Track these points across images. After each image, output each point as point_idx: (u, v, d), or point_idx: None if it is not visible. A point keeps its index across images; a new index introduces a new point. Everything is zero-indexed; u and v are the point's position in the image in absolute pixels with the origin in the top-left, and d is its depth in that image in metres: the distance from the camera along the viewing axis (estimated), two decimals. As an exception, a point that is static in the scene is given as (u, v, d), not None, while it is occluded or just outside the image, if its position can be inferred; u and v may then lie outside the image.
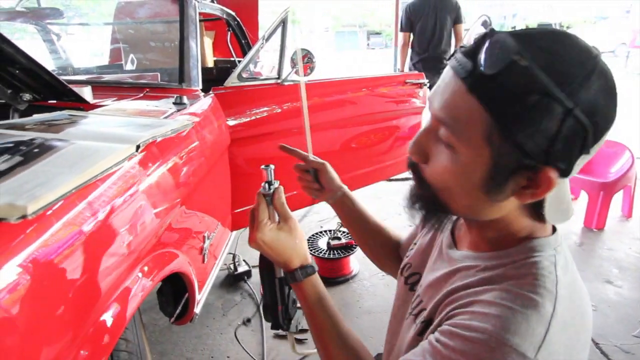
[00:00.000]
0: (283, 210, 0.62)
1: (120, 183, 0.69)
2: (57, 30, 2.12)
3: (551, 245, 0.49)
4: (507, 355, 0.39)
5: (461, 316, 0.46)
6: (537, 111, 0.39)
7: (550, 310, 0.42)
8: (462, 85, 0.43)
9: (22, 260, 0.45)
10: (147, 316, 1.74)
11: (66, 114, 0.91)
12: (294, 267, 0.61)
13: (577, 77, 0.39)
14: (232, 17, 2.49)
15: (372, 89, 1.99)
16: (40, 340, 0.48)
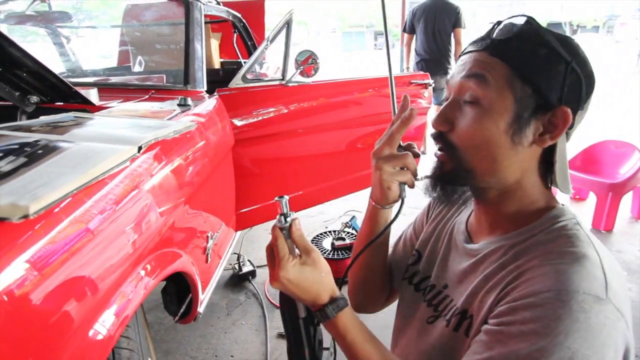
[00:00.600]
0: (303, 242, 0.55)
1: (124, 183, 0.70)
2: (67, 33, 2.16)
3: (569, 211, 0.53)
4: (584, 303, 0.40)
5: (515, 290, 0.46)
6: (547, 60, 0.50)
7: (596, 256, 0.45)
8: (483, 53, 0.52)
9: (28, 257, 0.47)
10: (152, 315, 1.76)
11: (72, 115, 0.92)
12: (323, 303, 0.55)
13: (568, 42, 0.51)
14: (238, 19, 2.51)
15: (376, 90, 1.99)
16: (42, 334, 0.49)
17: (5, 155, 0.59)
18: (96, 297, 0.59)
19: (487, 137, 0.52)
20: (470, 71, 0.53)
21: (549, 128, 0.51)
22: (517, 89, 0.50)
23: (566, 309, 0.40)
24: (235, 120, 1.54)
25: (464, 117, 0.53)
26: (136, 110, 1.13)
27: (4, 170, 0.55)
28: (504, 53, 0.51)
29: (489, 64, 0.52)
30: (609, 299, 0.41)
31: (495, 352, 0.44)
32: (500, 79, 0.51)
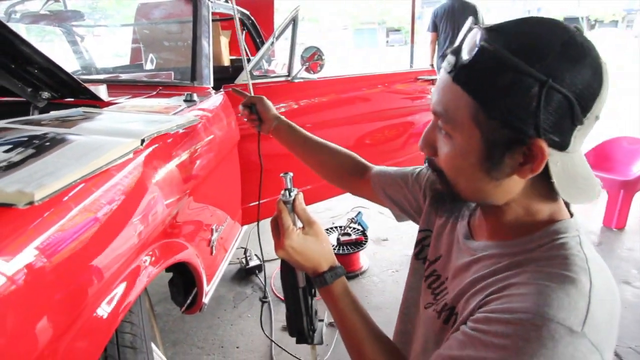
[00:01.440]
0: (306, 215, 0.61)
1: (130, 173, 0.73)
2: (82, 32, 2.22)
3: (573, 226, 0.49)
4: (555, 332, 0.39)
5: (496, 302, 0.46)
6: (512, 88, 0.42)
7: (587, 284, 0.43)
8: (449, 78, 0.47)
9: (37, 241, 0.50)
10: (161, 306, 1.80)
11: (80, 110, 0.96)
12: (323, 270, 0.60)
13: (549, 53, 0.42)
14: (247, 17, 2.54)
15: (383, 86, 1.99)
16: (48, 314, 0.52)
17: (16, 146, 0.63)
18: (100, 281, 0.62)
19: (462, 172, 0.50)
20: (438, 103, 0.50)
21: (528, 158, 0.46)
22: (483, 126, 0.45)
23: (537, 333, 0.40)
24: (241, 116, 1.56)
25: (442, 144, 0.52)
26: (143, 106, 1.16)
27: (14, 160, 0.58)
28: (464, 82, 0.46)
29: (452, 97, 0.47)
30: (583, 333, 0.40)
31: (465, 353, 0.45)
32: (464, 116, 0.46)
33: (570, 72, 0.42)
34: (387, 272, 2.05)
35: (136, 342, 0.70)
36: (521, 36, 0.44)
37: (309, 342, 0.66)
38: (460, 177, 0.51)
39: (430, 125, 0.54)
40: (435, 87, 0.52)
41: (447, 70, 0.48)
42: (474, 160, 0.48)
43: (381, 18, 25.89)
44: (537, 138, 0.44)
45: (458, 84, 0.46)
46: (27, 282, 0.48)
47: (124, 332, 0.70)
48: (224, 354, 1.55)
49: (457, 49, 0.47)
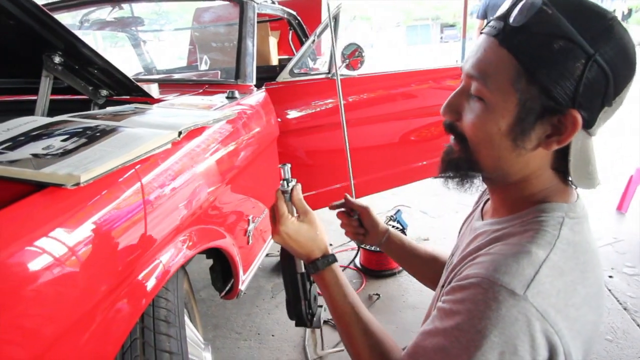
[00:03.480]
0: (302, 205, 0.64)
1: (171, 161, 0.81)
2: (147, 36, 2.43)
3: (563, 209, 0.50)
4: (498, 294, 0.42)
5: (463, 272, 0.49)
6: (562, 55, 0.43)
7: (542, 256, 0.44)
8: (494, 41, 0.47)
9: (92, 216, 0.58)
10: (206, 292, 1.92)
11: (132, 106, 1.05)
12: (315, 257, 0.64)
13: (598, 29, 0.44)
14: (293, 17, 2.60)
15: (425, 82, 1.95)
16: (96, 282, 0.59)
17: (72, 136, 0.71)
18: (141, 255, 0.69)
19: (489, 137, 0.50)
20: (476, 66, 0.49)
21: (557, 130, 0.47)
22: (522, 90, 0.46)
23: (484, 296, 0.42)
24: (282, 112, 1.62)
25: (470, 110, 0.51)
26: (188, 103, 1.25)
27: (68, 148, 0.66)
28: (513, 45, 0.46)
29: (495, 59, 0.47)
30: (525, 297, 0.41)
31: (433, 326, 0.48)
32: (504, 79, 0.46)
33: (614, 51, 0.43)
34: (426, 272, 2.01)
35: (170, 316, 0.77)
36: (577, 6, 0.45)
37: (308, 325, 0.69)
38: (484, 144, 0.51)
39: (457, 91, 0.53)
40: (470, 52, 0.52)
41: (492, 33, 0.48)
42: (504, 126, 0.48)
43: (435, 14, 25.08)
44: (572, 109, 0.45)
45: (504, 47, 0.46)
46: (71, 250, 0.55)
47: (159, 307, 0.77)
48: (259, 341, 1.62)
49: (505, 14, 0.48)
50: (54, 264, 0.51)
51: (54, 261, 0.51)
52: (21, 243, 0.49)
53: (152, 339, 0.71)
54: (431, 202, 2.85)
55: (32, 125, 0.78)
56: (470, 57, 0.51)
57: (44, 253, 0.51)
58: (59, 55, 0.96)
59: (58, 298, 0.52)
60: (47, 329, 0.51)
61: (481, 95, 0.49)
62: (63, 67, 0.99)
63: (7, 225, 0.49)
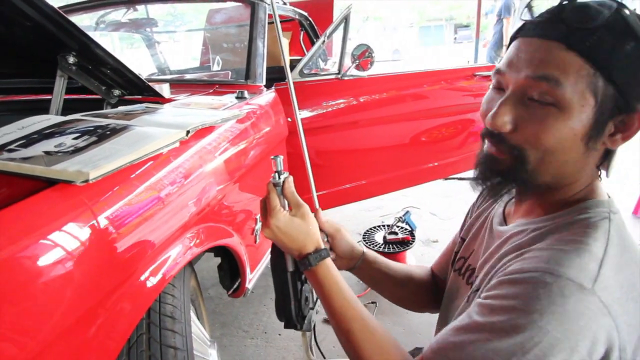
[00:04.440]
0: (294, 198, 0.62)
1: (180, 159, 0.82)
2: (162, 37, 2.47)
3: (606, 205, 0.50)
4: (565, 288, 0.40)
5: (511, 267, 0.47)
6: (633, 55, 0.44)
7: (601, 250, 0.44)
8: (559, 45, 0.46)
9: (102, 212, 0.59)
10: (214, 290, 1.94)
11: (143, 106, 1.07)
12: (308, 252, 0.60)
13: None
14: (305, 17, 2.61)
15: (435, 83, 1.94)
16: (104, 276, 0.60)
17: (83, 134, 0.73)
18: (148, 251, 0.70)
19: (561, 143, 0.47)
20: (540, 70, 0.46)
21: (620, 127, 0.48)
22: (600, 91, 0.45)
23: (546, 290, 0.40)
24: (292, 112, 1.63)
25: (533, 117, 0.47)
26: (198, 102, 1.27)
27: (79, 146, 0.68)
28: (585, 47, 0.44)
29: (564, 62, 0.45)
30: (593, 291, 0.40)
31: (470, 320, 0.45)
32: (580, 81, 0.45)
33: None
34: (435, 274, 2.00)
35: (176, 313, 0.78)
36: (635, 12, 0.46)
37: (297, 328, 0.65)
38: (554, 151, 0.48)
39: (506, 99, 0.49)
40: (515, 58, 0.49)
41: (554, 37, 0.46)
42: (580, 130, 0.47)
43: (449, 14, 24.85)
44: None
45: (574, 51, 0.45)
46: (82, 245, 0.56)
47: (165, 303, 0.78)
48: (266, 339, 1.63)
49: (555, 16, 0.46)
50: (63, 258, 0.53)
51: (63, 256, 0.53)
52: (31, 238, 0.50)
53: (158, 335, 0.72)
54: (441, 204, 2.83)
55: (46, 123, 0.81)
56: (524, 63, 0.48)
57: (54, 248, 0.52)
58: (73, 55, 0.98)
59: (66, 291, 0.54)
60: (55, 321, 0.52)
61: (553, 99, 0.46)
62: (77, 67, 1.01)
63: (19, 220, 0.50)
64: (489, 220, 0.66)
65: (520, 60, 0.48)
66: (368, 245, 2.03)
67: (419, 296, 0.81)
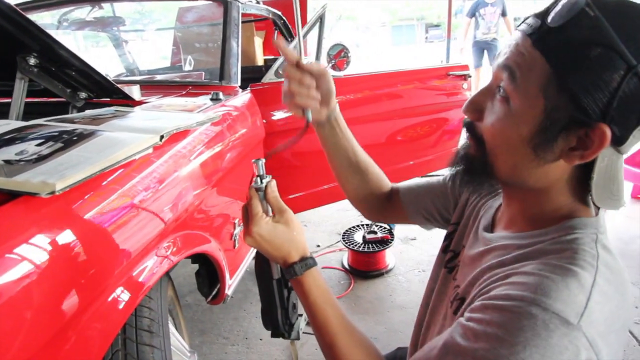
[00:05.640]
0: (277, 203, 0.58)
1: (152, 165, 0.78)
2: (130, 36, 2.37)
3: (593, 225, 0.47)
4: (550, 322, 0.38)
5: (496, 290, 0.45)
6: (598, 63, 0.40)
7: (590, 280, 0.41)
8: (528, 40, 0.44)
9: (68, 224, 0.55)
10: (192, 297, 1.89)
11: (112, 109, 1.03)
12: (293, 261, 0.58)
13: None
14: (278, 17, 2.58)
15: (409, 83, 1.96)
16: (70, 292, 0.57)
17: (47, 140, 0.69)
18: (122, 264, 0.67)
19: (507, 142, 0.47)
20: (506, 60, 0.46)
21: (583, 143, 0.43)
22: (550, 97, 0.43)
23: (531, 322, 0.39)
24: (267, 114, 1.60)
25: (492, 111, 0.49)
26: (171, 105, 1.23)
27: (43, 153, 0.64)
28: (547, 46, 0.42)
29: (527, 59, 0.44)
30: (579, 326, 0.39)
31: (453, 342, 0.44)
32: (533, 82, 0.43)
33: None
34: (414, 272, 2.02)
35: (153, 326, 0.75)
36: (626, 12, 0.41)
37: (285, 336, 0.64)
38: (502, 148, 0.48)
39: (482, 90, 0.51)
40: (503, 49, 0.48)
41: (528, 32, 0.44)
42: (525, 132, 0.45)
43: (420, 14, 25.31)
44: (602, 123, 0.41)
45: (538, 48, 0.43)
46: (51, 263, 0.52)
47: (142, 316, 0.74)
48: (248, 345, 1.60)
49: (543, 12, 0.44)
50: (28, 275, 0.49)
51: (28, 273, 0.49)
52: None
53: (135, 351, 0.69)
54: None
55: (5, 128, 0.75)
56: (501, 55, 0.48)
57: (18, 265, 0.48)
58: (34, 56, 0.92)
59: (26, 315, 0.50)
60: (16, 348, 0.48)
61: (508, 94, 0.46)
62: (39, 69, 0.96)
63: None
64: (478, 219, 0.66)
65: (502, 52, 0.48)
66: (348, 246, 2.03)
67: (365, 191, 0.81)
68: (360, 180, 0.80)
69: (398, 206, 0.81)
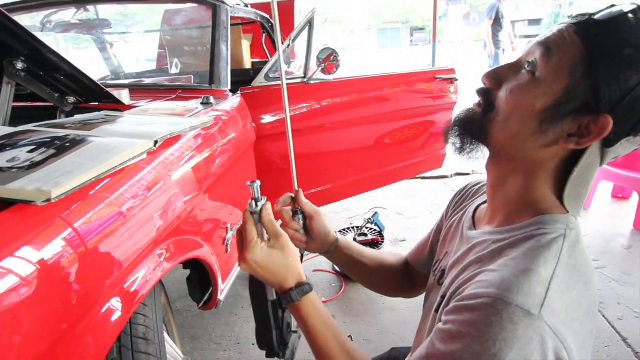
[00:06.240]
0: (273, 228, 0.58)
1: (144, 172, 0.77)
2: (114, 39, 2.34)
3: (563, 221, 0.51)
4: (514, 315, 0.41)
5: (467, 290, 0.48)
6: (626, 62, 0.45)
7: (550, 272, 0.45)
8: (572, 27, 0.48)
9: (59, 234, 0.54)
10: (182, 303, 1.87)
11: (102, 114, 1.01)
12: (289, 287, 0.58)
13: None
14: (266, 20, 2.58)
15: (397, 86, 1.98)
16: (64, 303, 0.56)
17: (39, 147, 0.67)
18: (115, 274, 0.66)
19: (519, 109, 0.50)
20: (546, 39, 0.50)
21: (581, 132, 0.48)
22: (576, 78, 0.47)
23: (497, 317, 0.42)
24: (258, 117, 1.60)
25: (514, 79, 0.51)
26: (162, 109, 1.21)
27: (36, 160, 0.63)
28: (588, 35, 0.47)
29: (567, 40, 0.48)
30: (540, 316, 0.41)
31: (433, 349, 0.46)
32: (565, 60, 0.47)
33: None
34: (404, 273, 2.04)
35: (149, 334, 0.74)
36: None
37: (280, 356, 0.63)
38: (512, 115, 0.50)
39: (506, 64, 0.53)
40: (547, 30, 0.52)
41: (574, 22, 0.48)
42: (540, 104, 0.48)
43: (405, 17, 25.62)
44: (609, 115, 0.46)
45: (580, 35, 0.47)
46: (44, 274, 0.52)
47: (137, 324, 0.73)
48: (240, 350, 1.59)
49: (595, 12, 0.49)
50: (22, 285, 0.48)
51: (24, 283, 0.48)
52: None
53: (131, 359, 0.68)
54: (406, 203, 2.90)
55: (-6, 136, 0.74)
56: (541, 35, 0.51)
57: (13, 274, 0.47)
58: (21, 61, 0.90)
59: (28, 323, 0.49)
60: (19, 354, 0.47)
61: (536, 66, 0.49)
62: (26, 74, 0.94)
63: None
64: (461, 224, 0.68)
65: (549, 30, 0.51)
66: (338, 248, 2.04)
67: (390, 282, 0.84)
68: (381, 277, 0.83)
69: (416, 273, 0.83)
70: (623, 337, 1.56)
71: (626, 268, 2.00)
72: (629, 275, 1.95)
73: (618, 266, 2.02)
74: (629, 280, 1.91)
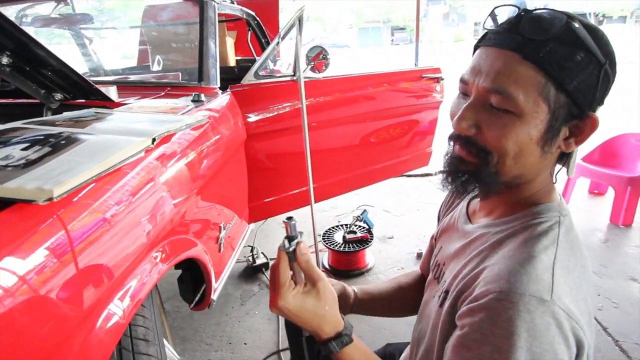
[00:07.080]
0: (309, 270, 0.52)
1: (140, 173, 0.75)
2: (91, 34, 2.26)
3: (556, 209, 0.54)
4: (529, 304, 0.43)
5: (476, 290, 0.48)
6: (584, 65, 0.47)
7: (552, 257, 0.47)
8: (515, 55, 0.48)
9: (50, 240, 0.52)
10: (170, 304, 1.83)
11: (92, 111, 0.98)
12: (327, 337, 0.54)
13: (601, 39, 0.48)
14: (252, 17, 2.56)
15: (388, 85, 2.00)
16: (66, 307, 0.54)
17: (33, 144, 0.65)
18: (113, 278, 0.64)
19: (520, 146, 0.50)
20: (496, 83, 0.49)
21: (574, 132, 0.51)
22: (552, 99, 0.48)
23: (515, 310, 0.43)
24: (248, 115, 1.58)
25: (494, 122, 0.50)
26: (152, 106, 1.19)
27: (31, 158, 0.61)
28: (539, 57, 0.47)
29: (517, 73, 0.47)
30: (552, 301, 0.43)
31: (462, 356, 0.46)
32: (532, 91, 0.47)
33: (612, 57, 0.49)
34: (393, 269, 2.06)
35: (148, 334, 0.73)
36: (587, 26, 0.49)
37: None
38: (513, 154, 0.51)
39: (469, 105, 0.52)
40: (477, 67, 0.51)
41: (511, 47, 0.48)
42: (535, 135, 0.50)
43: (386, 17, 25.84)
44: (593, 113, 0.50)
45: (530, 61, 0.47)
46: (42, 279, 0.50)
47: (137, 325, 0.72)
48: (232, 350, 1.57)
49: (512, 27, 0.49)
50: (22, 285, 0.46)
51: (26, 283, 0.47)
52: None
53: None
54: (393, 201, 2.93)
55: (-18, 133, 0.71)
56: (481, 73, 0.50)
57: (16, 275, 0.46)
58: (7, 55, 0.87)
59: (30, 327, 0.47)
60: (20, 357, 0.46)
61: (509, 108, 0.48)
62: (12, 69, 0.90)
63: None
64: (455, 219, 0.69)
65: (481, 70, 0.51)
66: (328, 246, 2.05)
67: (411, 301, 0.81)
68: (401, 300, 0.82)
69: None
70: (603, 326, 1.63)
71: (604, 261, 2.09)
72: (606, 267, 2.03)
73: (597, 259, 2.10)
74: (607, 272, 1.99)
